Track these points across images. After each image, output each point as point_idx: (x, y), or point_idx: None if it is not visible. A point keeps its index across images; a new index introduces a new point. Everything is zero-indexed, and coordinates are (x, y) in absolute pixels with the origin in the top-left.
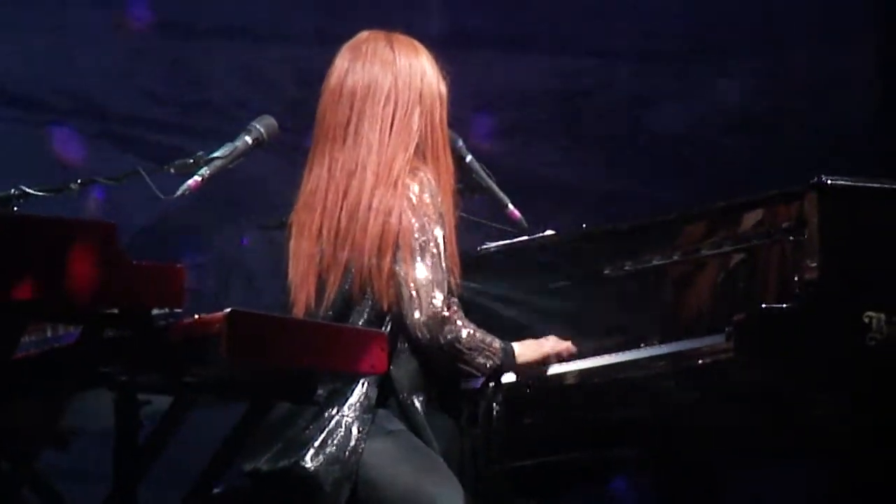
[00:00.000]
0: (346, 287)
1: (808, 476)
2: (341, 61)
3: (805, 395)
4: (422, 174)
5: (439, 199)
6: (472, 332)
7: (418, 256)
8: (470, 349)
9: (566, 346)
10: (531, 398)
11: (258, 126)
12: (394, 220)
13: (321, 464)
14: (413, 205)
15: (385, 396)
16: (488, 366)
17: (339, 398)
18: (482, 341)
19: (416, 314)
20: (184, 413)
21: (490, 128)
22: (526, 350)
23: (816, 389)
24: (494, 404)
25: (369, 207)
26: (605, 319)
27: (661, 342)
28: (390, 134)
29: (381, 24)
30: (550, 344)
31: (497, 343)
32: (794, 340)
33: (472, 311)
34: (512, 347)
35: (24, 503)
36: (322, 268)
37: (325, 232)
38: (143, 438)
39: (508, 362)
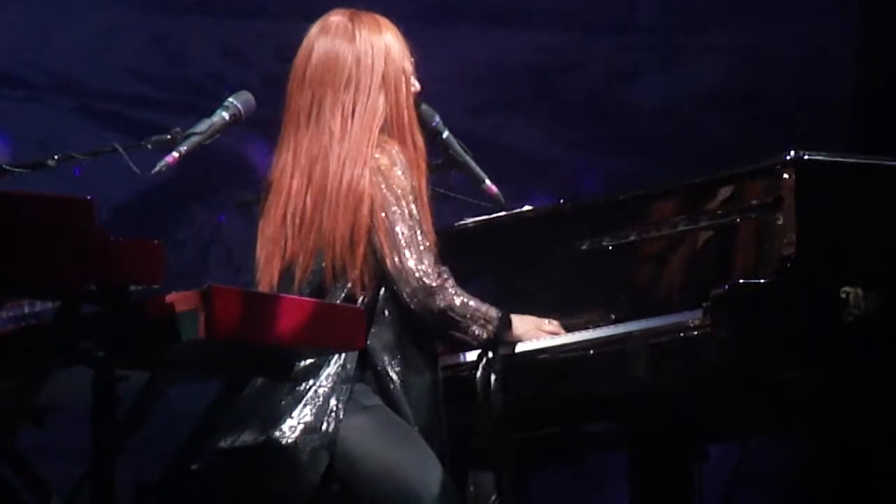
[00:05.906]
0: (317, 273)
1: (784, 451)
2: (307, 42)
3: (782, 370)
4: (390, 147)
5: (409, 173)
6: (465, 300)
7: (397, 230)
8: (463, 317)
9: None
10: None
11: (235, 102)
12: (365, 208)
13: (298, 434)
14: (385, 178)
15: (363, 368)
16: (483, 335)
17: (316, 370)
18: (477, 310)
19: (406, 287)
20: (161, 389)
21: (468, 103)
22: (523, 325)
23: (793, 365)
24: (492, 375)
25: (337, 195)
26: (582, 295)
27: (638, 318)
28: (352, 120)
29: (360, 0)
30: (550, 328)
31: (493, 311)
32: (771, 315)
33: None
34: (509, 318)
35: (1, 480)
36: (286, 252)
37: (289, 217)
38: (120, 415)
39: (504, 333)
